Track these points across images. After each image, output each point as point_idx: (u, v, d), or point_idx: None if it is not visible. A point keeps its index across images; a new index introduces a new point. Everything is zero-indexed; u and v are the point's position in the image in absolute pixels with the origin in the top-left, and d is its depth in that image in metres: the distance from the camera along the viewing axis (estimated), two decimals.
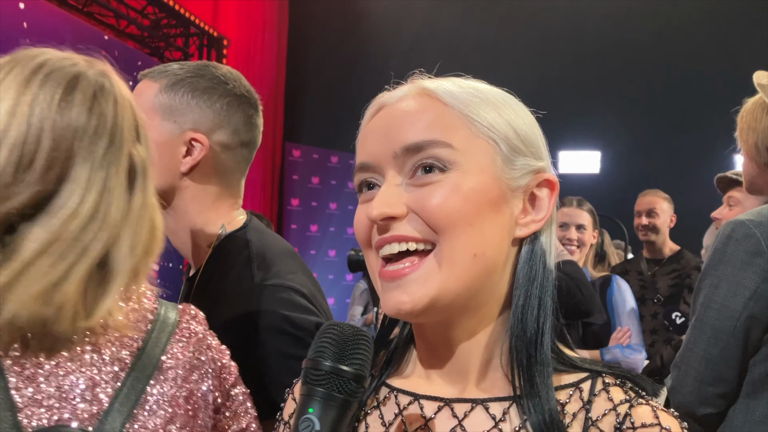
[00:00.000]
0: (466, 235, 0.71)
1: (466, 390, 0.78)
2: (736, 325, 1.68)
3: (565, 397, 0.75)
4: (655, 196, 3.99)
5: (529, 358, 0.74)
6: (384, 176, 0.75)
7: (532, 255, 0.78)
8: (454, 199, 0.71)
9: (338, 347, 0.68)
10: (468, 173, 0.72)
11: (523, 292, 0.76)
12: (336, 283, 8.15)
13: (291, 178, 8.23)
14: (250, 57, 7.69)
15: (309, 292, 1.41)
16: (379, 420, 0.81)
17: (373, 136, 0.77)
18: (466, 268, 0.72)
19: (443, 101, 0.75)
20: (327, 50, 8.39)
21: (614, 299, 3.06)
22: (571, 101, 7.41)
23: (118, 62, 1.16)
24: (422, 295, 0.71)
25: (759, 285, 1.66)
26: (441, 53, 7.51)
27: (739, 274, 1.68)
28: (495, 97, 0.78)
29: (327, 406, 0.66)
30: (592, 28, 7.55)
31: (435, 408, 0.78)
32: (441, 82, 0.77)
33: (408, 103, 0.76)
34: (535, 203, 0.78)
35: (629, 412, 0.72)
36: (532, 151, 0.77)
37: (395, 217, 0.72)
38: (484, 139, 0.74)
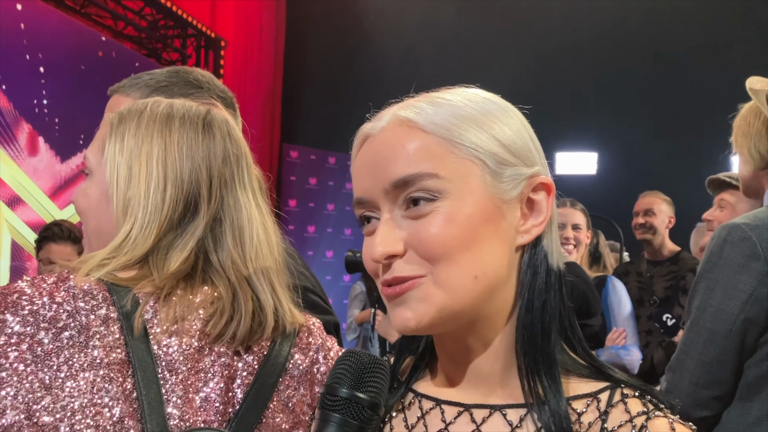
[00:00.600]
0: (465, 260, 0.72)
1: (485, 396, 0.79)
2: (731, 329, 1.68)
3: (582, 406, 0.76)
4: (654, 197, 4.02)
5: (535, 361, 0.75)
6: (380, 209, 0.75)
7: (534, 259, 0.78)
8: (448, 228, 0.71)
9: (355, 375, 0.70)
10: (458, 199, 0.72)
11: (527, 296, 0.77)
12: (334, 284, 8.15)
13: (288, 178, 8.23)
14: (247, 58, 7.70)
15: (320, 290, 1.45)
16: (403, 423, 0.83)
17: (363, 171, 0.77)
18: (467, 290, 0.73)
19: (423, 129, 0.74)
20: (324, 51, 8.39)
21: (610, 300, 3.08)
22: (568, 102, 7.42)
23: (116, 63, 1.20)
24: (424, 312, 0.72)
25: (755, 288, 1.66)
26: (438, 55, 7.52)
27: (734, 277, 1.69)
28: (477, 110, 0.76)
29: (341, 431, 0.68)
30: (588, 29, 7.57)
31: (455, 413, 0.79)
32: (420, 108, 0.75)
33: (389, 135, 0.75)
34: (534, 207, 0.78)
35: (645, 424, 0.72)
36: (521, 159, 0.77)
37: (395, 255, 0.73)
38: (469, 160, 0.74)
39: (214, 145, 1.06)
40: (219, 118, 1.11)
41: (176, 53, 6.55)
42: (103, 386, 0.88)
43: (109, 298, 0.94)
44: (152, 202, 1.01)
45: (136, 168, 1.02)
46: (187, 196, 1.02)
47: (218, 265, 1.03)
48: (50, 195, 4.74)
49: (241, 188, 1.08)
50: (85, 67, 4.97)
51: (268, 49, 8.17)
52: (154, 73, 1.47)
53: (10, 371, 0.85)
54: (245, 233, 1.06)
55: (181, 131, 1.04)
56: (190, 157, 1.03)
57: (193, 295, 1.00)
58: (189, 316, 0.98)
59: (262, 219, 1.09)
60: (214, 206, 1.04)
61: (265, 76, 8.09)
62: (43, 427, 0.84)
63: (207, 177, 1.04)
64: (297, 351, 1.08)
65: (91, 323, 0.91)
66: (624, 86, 7.48)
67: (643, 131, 7.43)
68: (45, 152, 4.70)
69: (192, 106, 1.10)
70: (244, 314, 1.01)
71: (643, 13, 7.46)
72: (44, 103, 4.67)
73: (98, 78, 4.69)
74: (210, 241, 1.03)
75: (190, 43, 6.67)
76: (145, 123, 1.05)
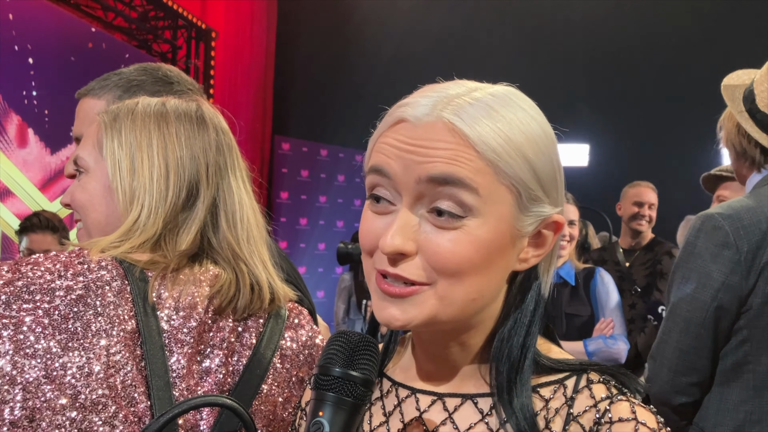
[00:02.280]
0: (471, 281, 0.73)
1: (458, 386, 0.82)
2: (705, 316, 1.73)
3: (549, 393, 0.78)
4: (652, 190, 4.08)
5: (509, 381, 0.77)
6: (401, 196, 0.73)
7: (526, 284, 0.80)
8: (467, 249, 0.71)
9: (347, 354, 0.72)
10: (486, 223, 0.72)
11: (512, 319, 0.79)
12: (326, 276, 8.15)
13: (280, 171, 8.21)
14: (238, 50, 7.66)
15: (297, 279, 1.50)
16: (381, 411, 0.86)
17: (395, 151, 0.73)
18: (462, 307, 0.74)
19: (475, 147, 0.71)
20: (316, 43, 8.36)
21: (598, 291, 3.10)
22: (559, 94, 7.43)
23: (106, 55, 1.23)
24: (414, 317, 0.73)
25: (727, 276, 1.71)
26: (430, 47, 7.51)
27: (708, 266, 1.73)
28: (526, 136, 0.74)
29: (337, 409, 0.70)
30: (580, 21, 7.57)
31: (429, 401, 0.83)
32: (471, 116, 0.72)
33: (436, 134, 0.72)
34: (539, 240, 0.79)
35: (609, 408, 0.75)
36: (549, 196, 0.76)
37: (405, 254, 0.72)
38: (506, 187, 0.73)
39: (208, 136, 1.14)
40: (209, 111, 1.18)
41: (167, 44, 6.50)
42: (118, 351, 0.94)
43: (122, 273, 1.00)
44: (157, 190, 1.08)
45: (138, 160, 1.09)
46: (188, 183, 1.10)
47: (217, 246, 1.11)
48: (40, 187, 4.71)
49: (233, 175, 1.16)
50: (75, 58, 4.93)
51: (260, 40, 8.13)
52: (122, 72, 1.48)
53: (27, 333, 0.90)
54: (237, 216, 1.14)
55: (177, 124, 1.12)
56: (189, 147, 1.11)
57: (200, 273, 1.07)
58: (195, 292, 1.04)
59: (251, 203, 1.18)
60: (212, 191, 1.12)
61: (257, 67, 8.05)
62: (61, 385, 0.89)
63: (204, 165, 1.12)
64: (288, 331, 1.16)
65: (105, 293, 0.96)
66: (616, 78, 7.49)
67: (636, 123, 7.45)
68: (35, 144, 4.67)
69: (182, 101, 1.18)
70: (242, 288, 1.09)
71: (635, 6, 7.47)
72: (33, 95, 4.64)
73: (88, 70, 4.64)
74: (209, 223, 1.12)
75: (181, 34, 6.63)
76: (141, 119, 1.12)
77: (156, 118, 1.12)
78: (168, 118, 1.12)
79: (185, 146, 1.11)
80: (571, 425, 0.76)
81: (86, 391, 0.90)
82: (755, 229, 1.71)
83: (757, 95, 1.85)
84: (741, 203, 1.78)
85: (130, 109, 1.13)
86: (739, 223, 1.72)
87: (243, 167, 1.20)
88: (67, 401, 0.89)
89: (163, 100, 1.17)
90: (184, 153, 1.10)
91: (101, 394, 0.91)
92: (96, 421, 0.90)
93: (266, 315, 1.14)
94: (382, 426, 0.85)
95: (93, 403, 0.90)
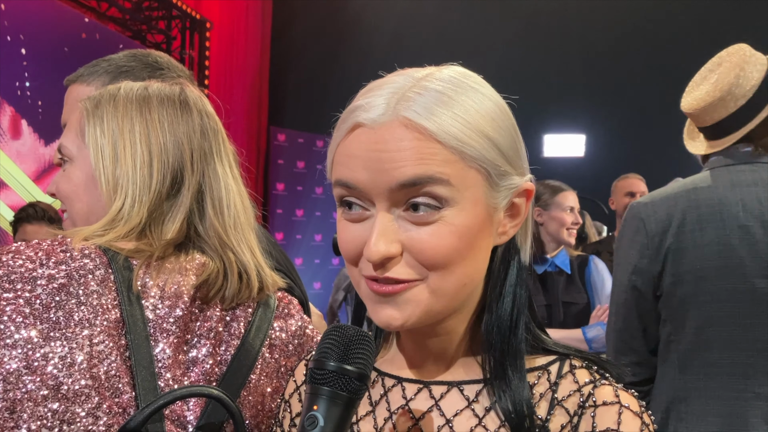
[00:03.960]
0: (459, 269, 0.74)
1: (444, 373, 0.83)
2: (627, 298, 1.89)
3: (534, 378, 0.80)
4: (642, 181, 4.10)
5: (503, 352, 0.79)
6: (374, 204, 0.73)
7: (507, 255, 0.82)
8: (450, 239, 0.72)
9: (342, 348, 0.72)
10: (463, 209, 0.72)
11: (498, 291, 0.81)
12: (322, 268, 8.15)
13: (276, 162, 8.19)
14: (233, 40, 7.62)
15: (288, 268, 1.53)
16: (367, 400, 0.86)
17: (358, 161, 0.72)
18: (455, 295, 0.75)
19: (436, 138, 0.71)
20: (311, 33, 8.32)
21: (592, 278, 3.15)
22: (556, 84, 7.42)
23: (99, 45, 1.21)
24: (411, 314, 0.74)
25: (638, 260, 1.86)
26: (425, 37, 7.48)
27: (627, 252, 1.90)
28: (482, 115, 0.74)
29: (332, 404, 0.69)
30: (576, 11, 7.55)
31: (415, 390, 0.83)
32: (426, 107, 0.71)
33: (397, 135, 0.71)
34: (513, 210, 0.80)
35: (592, 392, 0.77)
36: (515, 167, 0.78)
37: (391, 257, 0.73)
38: (475, 170, 0.73)
39: (192, 120, 1.11)
40: (193, 95, 1.15)
41: (161, 35, 6.47)
42: (101, 341, 0.91)
43: (106, 261, 0.97)
44: (140, 177, 1.05)
45: (120, 147, 1.06)
46: (173, 170, 1.07)
47: (204, 234, 1.08)
48: (34, 179, 4.69)
49: (219, 160, 1.12)
50: (69, 49, 4.89)
51: (255, 31, 8.08)
52: (111, 58, 1.48)
53: (8, 323, 0.88)
54: (224, 203, 1.11)
55: (160, 109, 1.09)
56: (172, 133, 1.08)
57: (186, 261, 1.04)
58: (181, 281, 1.01)
59: (238, 189, 1.14)
60: (197, 178, 1.09)
61: (252, 58, 8.01)
62: (42, 376, 0.87)
63: (189, 150, 1.09)
64: (278, 320, 1.14)
65: (89, 282, 0.94)
66: (612, 68, 7.48)
67: (632, 114, 7.45)
68: (28, 135, 4.64)
69: (165, 85, 1.15)
70: (230, 277, 1.06)
71: None
72: (27, 86, 4.61)
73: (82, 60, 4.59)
74: (195, 210, 1.09)
75: (175, 24, 6.59)
76: (123, 105, 1.09)
77: (138, 104, 1.09)
78: (150, 103, 1.09)
79: (168, 132, 1.08)
80: (556, 409, 0.77)
81: (68, 382, 0.88)
82: (663, 214, 1.84)
83: None
84: (660, 192, 1.93)
85: (113, 95, 1.10)
86: (651, 209, 1.87)
87: (230, 151, 1.17)
88: (49, 392, 0.87)
89: (146, 84, 1.14)
90: (168, 139, 1.07)
91: (84, 384, 0.88)
92: (79, 412, 0.88)
93: (255, 304, 1.12)
94: (368, 415, 0.85)
95: (75, 394, 0.88)
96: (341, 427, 0.69)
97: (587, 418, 0.75)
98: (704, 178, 1.87)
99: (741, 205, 1.77)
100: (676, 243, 1.80)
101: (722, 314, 1.74)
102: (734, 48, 1.94)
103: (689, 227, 1.79)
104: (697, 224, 1.78)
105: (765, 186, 1.78)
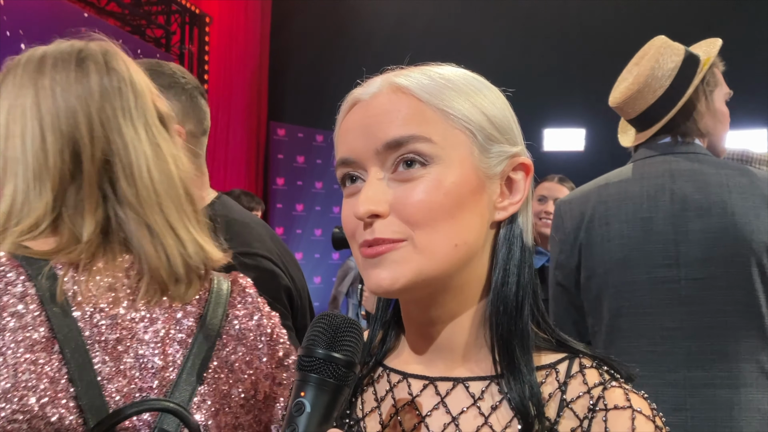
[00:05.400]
0: (447, 226, 0.74)
1: (450, 369, 0.82)
2: (554, 292, 1.95)
3: (541, 377, 0.78)
4: None
5: (510, 332, 0.77)
6: (367, 171, 0.76)
7: (510, 235, 0.80)
8: (435, 194, 0.73)
9: (330, 335, 0.72)
10: (448, 167, 0.74)
11: (502, 270, 0.79)
12: (322, 262, 8.16)
13: (276, 157, 8.19)
14: (233, 35, 7.60)
15: (278, 258, 1.55)
16: (373, 396, 0.86)
17: (353, 132, 0.77)
18: (446, 256, 0.75)
19: (418, 97, 0.75)
20: (311, 28, 8.30)
21: None
22: (555, 79, 7.41)
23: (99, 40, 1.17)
24: (401, 274, 0.74)
25: (557, 255, 1.92)
26: (424, 32, 7.47)
27: (552, 248, 1.95)
28: (466, 85, 0.78)
29: (320, 391, 0.70)
30: (575, 5, 7.53)
31: (421, 386, 0.82)
32: (414, 77, 0.77)
33: (384, 100, 0.76)
34: (512, 186, 0.80)
35: (602, 395, 0.75)
36: (506, 137, 0.79)
37: (379, 215, 0.74)
38: (460, 131, 0.76)
39: (89, 81, 0.97)
40: (95, 50, 1.02)
41: (160, 30, 6.46)
42: (27, 368, 0.83)
43: (24, 273, 0.87)
44: (34, 156, 0.92)
45: (12, 125, 0.95)
46: (71, 143, 0.94)
47: (125, 220, 0.95)
48: None
49: (127, 123, 0.98)
50: None
51: (254, 26, 8.07)
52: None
53: None
54: (135, 172, 0.97)
55: (53, 73, 0.96)
56: (65, 99, 0.95)
57: (114, 261, 0.95)
58: (114, 284, 0.93)
59: (155, 153, 0.99)
60: (100, 147, 0.95)
61: (251, 53, 8.00)
62: None
63: (86, 116, 0.95)
64: (233, 310, 1.06)
65: (6, 304, 0.85)
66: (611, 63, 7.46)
67: None
68: None
69: (67, 44, 1.03)
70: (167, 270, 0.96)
71: None
72: None
73: None
74: (108, 186, 0.96)
75: (175, 19, 6.58)
76: (20, 74, 0.97)
77: (32, 70, 0.96)
78: (44, 67, 0.97)
79: (60, 98, 0.94)
80: (565, 411, 0.75)
81: None
82: (576, 211, 1.88)
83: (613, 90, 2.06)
84: (582, 188, 1.97)
85: (16, 63, 0.99)
86: (568, 206, 1.92)
87: (148, 110, 1.01)
88: None
89: (47, 48, 1.01)
90: (60, 107, 0.94)
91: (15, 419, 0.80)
92: None
93: (207, 294, 1.03)
94: (374, 411, 0.85)
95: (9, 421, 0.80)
96: (328, 414, 0.70)
97: (599, 423, 0.74)
98: (619, 173, 1.92)
99: (646, 197, 1.80)
100: (586, 238, 1.84)
101: (629, 304, 1.78)
102: (654, 40, 2.00)
103: (597, 222, 1.83)
104: (604, 219, 1.82)
105: (671, 177, 1.81)
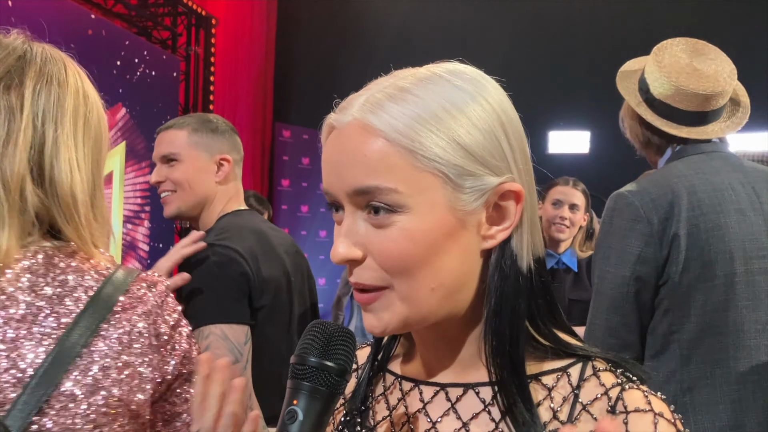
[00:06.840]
0: (421, 274, 0.72)
1: (459, 375, 0.81)
2: (628, 291, 1.80)
3: (551, 381, 0.76)
4: None
5: (502, 367, 0.75)
6: (343, 207, 0.75)
7: (501, 262, 0.75)
8: (405, 245, 0.71)
9: (323, 344, 0.72)
10: (417, 214, 0.71)
11: (494, 299, 0.75)
12: (327, 263, 8.15)
13: (281, 158, 8.20)
14: (238, 37, 7.62)
15: (249, 253, 1.89)
16: (385, 405, 0.85)
17: (328, 167, 0.76)
18: (425, 301, 0.73)
19: (387, 138, 0.70)
20: (316, 30, 8.31)
21: None
22: (560, 81, 7.40)
23: (106, 42, 1.17)
24: (388, 321, 0.74)
25: (642, 249, 1.79)
26: (430, 33, 7.47)
27: (624, 241, 1.82)
28: (444, 108, 0.71)
29: (312, 398, 0.70)
30: (581, 8, 7.52)
31: (432, 392, 0.81)
32: (384, 108, 0.71)
33: (354, 135, 0.72)
34: (501, 213, 0.75)
35: (621, 396, 0.72)
36: (488, 166, 0.73)
37: (354, 261, 0.73)
38: (430, 173, 0.70)
39: None
40: None
41: (167, 32, 6.48)
42: None
43: None
44: None
45: None
46: None
47: None
48: None
49: None
50: (75, 45, 4.88)
51: (260, 27, 8.08)
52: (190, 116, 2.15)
53: None
54: None
55: None
56: None
57: None
58: None
59: None
60: None
61: (257, 55, 8.01)
62: None
63: None
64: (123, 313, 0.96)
65: None
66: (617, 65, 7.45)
67: None
68: None
69: None
70: None
71: None
72: None
73: (88, 57, 4.62)
74: None
75: (181, 21, 6.60)
76: None
77: None
78: None
79: None
80: (582, 414, 0.73)
81: None
82: (663, 201, 1.80)
83: (650, 84, 1.99)
84: (648, 180, 1.90)
85: None
86: (648, 197, 1.82)
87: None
88: None
89: None
90: None
91: None
92: None
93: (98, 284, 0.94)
94: (385, 420, 0.84)
95: None
96: (320, 422, 0.70)
97: None
98: (688, 165, 1.88)
99: (731, 189, 1.81)
100: (684, 229, 1.77)
101: (725, 298, 1.74)
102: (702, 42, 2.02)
103: (692, 213, 1.79)
104: (699, 210, 1.78)
105: (742, 172, 1.84)
